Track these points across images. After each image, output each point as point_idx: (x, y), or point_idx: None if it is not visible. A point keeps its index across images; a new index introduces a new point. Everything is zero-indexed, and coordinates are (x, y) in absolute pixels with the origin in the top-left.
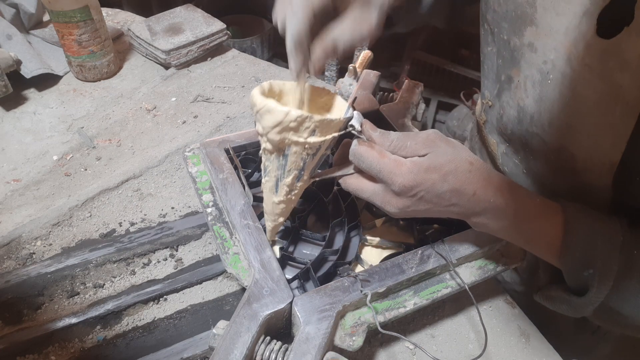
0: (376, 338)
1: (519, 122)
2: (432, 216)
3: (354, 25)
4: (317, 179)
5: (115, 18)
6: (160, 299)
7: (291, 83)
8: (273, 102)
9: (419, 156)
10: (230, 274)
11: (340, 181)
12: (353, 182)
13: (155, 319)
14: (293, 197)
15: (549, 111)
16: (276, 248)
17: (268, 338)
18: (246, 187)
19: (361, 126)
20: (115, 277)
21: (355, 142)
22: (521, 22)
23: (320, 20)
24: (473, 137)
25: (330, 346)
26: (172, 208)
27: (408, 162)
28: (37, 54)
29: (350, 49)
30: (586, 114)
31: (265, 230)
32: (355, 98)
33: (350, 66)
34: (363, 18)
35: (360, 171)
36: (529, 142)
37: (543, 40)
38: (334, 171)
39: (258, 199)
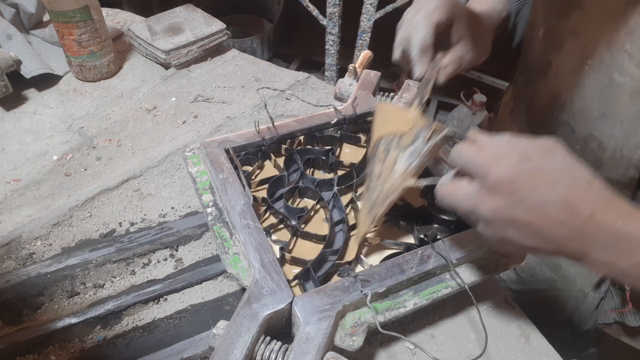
0: (376, 338)
1: (549, 109)
2: (530, 242)
3: (475, 45)
4: (419, 185)
5: (115, 18)
6: (160, 299)
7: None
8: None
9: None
10: (230, 274)
11: (435, 190)
12: (446, 187)
13: (155, 319)
14: (388, 186)
15: (582, 98)
16: (276, 248)
17: (268, 338)
18: (246, 187)
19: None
20: (115, 277)
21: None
22: (569, 5)
23: (438, 39)
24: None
25: (330, 346)
26: (172, 208)
27: (516, 157)
28: (37, 54)
29: (472, 64)
30: (620, 102)
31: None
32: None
33: (351, 66)
34: (482, 40)
35: (458, 174)
36: (555, 131)
37: (587, 25)
38: (433, 179)
39: (258, 199)
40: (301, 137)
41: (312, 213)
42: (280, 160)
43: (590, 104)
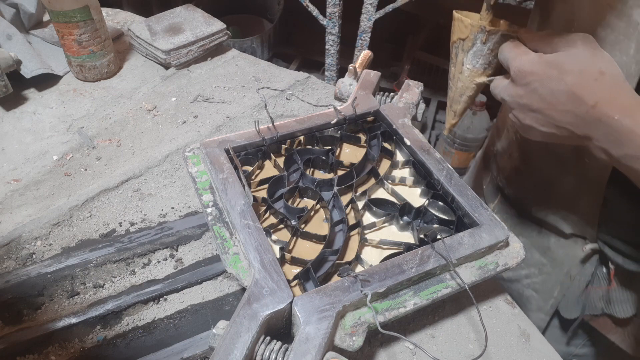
0: (376, 338)
1: None
2: (545, 128)
3: None
4: (479, 80)
5: (115, 18)
6: (160, 299)
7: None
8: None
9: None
10: (230, 274)
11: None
12: (495, 81)
13: (155, 319)
14: (461, 85)
15: None
16: (276, 248)
17: (268, 338)
18: (246, 187)
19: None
20: (115, 277)
21: None
22: None
23: None
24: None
25: (330, 346)
26: (172, 208)
27: (537, 53)
28: (37, 54)
29: None
30: None
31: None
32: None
33: (351, 66)
34: None
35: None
36: None
37: None
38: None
39: (258, 199)
40: (301, 137)
41: (312, 213)
42: (280, 160)
43: None
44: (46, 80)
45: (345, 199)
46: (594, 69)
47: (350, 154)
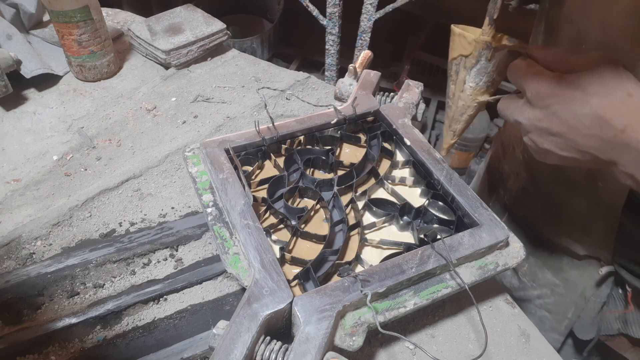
0: (376, 338)
1: None
2: (566, 152)
3: None
4: (482, 99)
5: (115, 18)
6: (160, 299)
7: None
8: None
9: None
10: (230, 274)
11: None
12: (503, 102)
13: (155, 319)
14: (462, 104)
15: None
16: (276, 248)
17: (268, 338)
18: (246, 187)
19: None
20: (115, 277)
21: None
22: None
23: None
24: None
25: (330, 346)
26: (172, 208)
27: (555, 73)
28: (37, 54)
29: None
30: None
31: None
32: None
33: (350, 66)
34: None
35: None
36: None
37: (579, 10)
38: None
39: (258, 199)
40: (301, 137)
41: (312, 213)
42: (280, 160)
43: None
44: (46, 80)
45: (345, 199)
46: (621, 91)
47: (350, 154)
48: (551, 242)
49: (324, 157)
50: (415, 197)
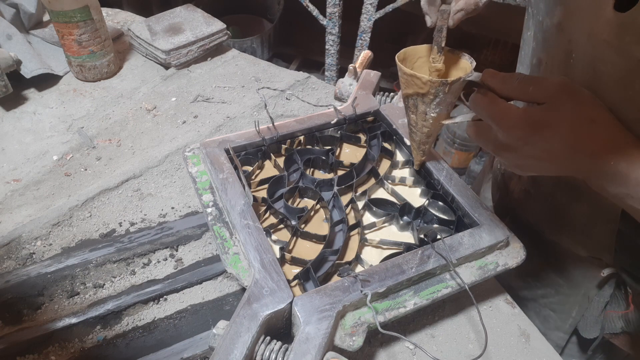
0: (376, 338)
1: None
2: (550, 173)
3: None
4: (447, 122)
5: (115, 18)
6: (160, 299)
7: (422, 47)
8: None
9: (537, 104)
10: (230, 274)
11: (466, 128)
12: (473, 130)
13: (155, 319)
14: (426, 130)
15: None
16: (276, 248)
17: (268, 338)
18: (246, 187)
19: (482, 75)
20: (115, 277)
21: (476, 90)
22: (554, 2)
23: None
24: None
25: (330, 346)
26: (172, 208)
27: (520, 110)
28: (37, 54)
29: (487, 2)
30: (606, 91)
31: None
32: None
33: (351, 66)
34: None
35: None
36: None
37: (569, 19)
38: (462, 117)
39: (258, 199)
40: (301, 137)
41: (312, 213)
42: (280, 160)
43: None
44: (46, 80)
45: (345, 199)
46: (585, 118)
47: (350, 154)
48: (554, 243)
49: (324, 157)
50: (415, 197)
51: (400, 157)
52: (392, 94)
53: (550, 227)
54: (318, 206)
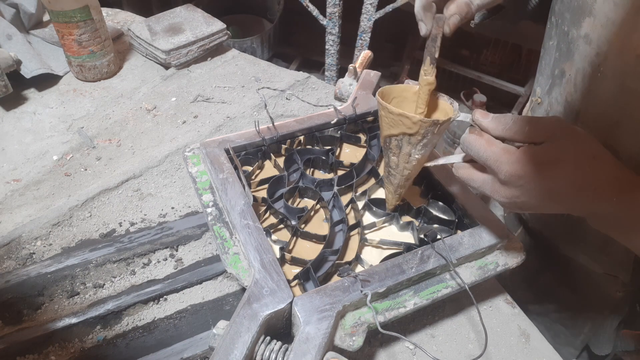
0: (376, 338)
1: (564, 118)
2: (551, 211)
3: None
4: (430, 164)
5: (115, 18)
6: (160, 299)
7: (396, 87)
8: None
9: (535, 144)
10: (230, 274)
11: (453, 170)
12: (464, 172)
13: (155, 319)
14: (407, 173)
15: (596, 106)
16: (276, 248)
17: (268, 338)
18: (246, 187)
19: (472, 115)
20: (115, 277)
21: (467, 130)
22: (580, 13)
23: None
24: None
25: (330, 346)
26: (172, 208)
27: (519, 151)
28: (37, 54)
29: (482, 5)
30: (634, 109)
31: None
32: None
33: (351, 66)
34: None
35: (471, 160)
36: None
37: (598, 31)
38: (447, 159)
39: (258, 199)
40: (301, 137)
41: (312, 213)
42: (280, 160)
43: (604, 112)
44: (46, 80)
45: (345, 199)
46: (586, 156)
47: (350, 154)
48: (569, 258)
49: (324, 157)
50: (415, 197)
51: None
52: None
53: (566, 242)
54: (318, 206)
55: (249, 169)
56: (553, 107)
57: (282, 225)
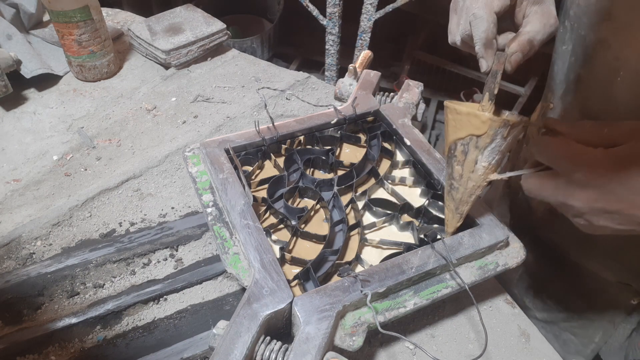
0: (376, 338)
1: None
2: (623, 226)
3: (543, 20)
4: (496, 177)
5: (115, 18)
6: (160, 299)
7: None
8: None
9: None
10: (230, 274)
11: (521, 182)
12: (533, 181)
13: (155, 319)
14: (472, 185)
15: (614, 112)
16: (276, 248)
17: (268, 338)
18: (246, 187)
19: (545, 121)
20: (115, 277)
21: (541, 134)
22: (599, 17)
23: (501, 23)
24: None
25: (330, 346)
26: (172, 208)
27: (597, 150)
28: (37, 54)
29: (544, 41)
30: None
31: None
32: (355, 98)
33: (351, 66)
34: (546, 12)
35: (542, 170)
36: None
37: (618, 36)
38: (514, 172)
39: (258, 199)
40: (301, 137)
41: (312, 213)
42: (280, 160)
43: (624, 117)
44: (46, 80)
45: (345, 199)
46: None
47: (350, 154)
48: (580, 266)
49: (324, 157)
50: (415, 197)
51: (400, 157)
52: (392, 94)
53: (577, 249)
54: (318, 206)
55: (249, 169)
56: (568, 112)
57: (282, 225)
